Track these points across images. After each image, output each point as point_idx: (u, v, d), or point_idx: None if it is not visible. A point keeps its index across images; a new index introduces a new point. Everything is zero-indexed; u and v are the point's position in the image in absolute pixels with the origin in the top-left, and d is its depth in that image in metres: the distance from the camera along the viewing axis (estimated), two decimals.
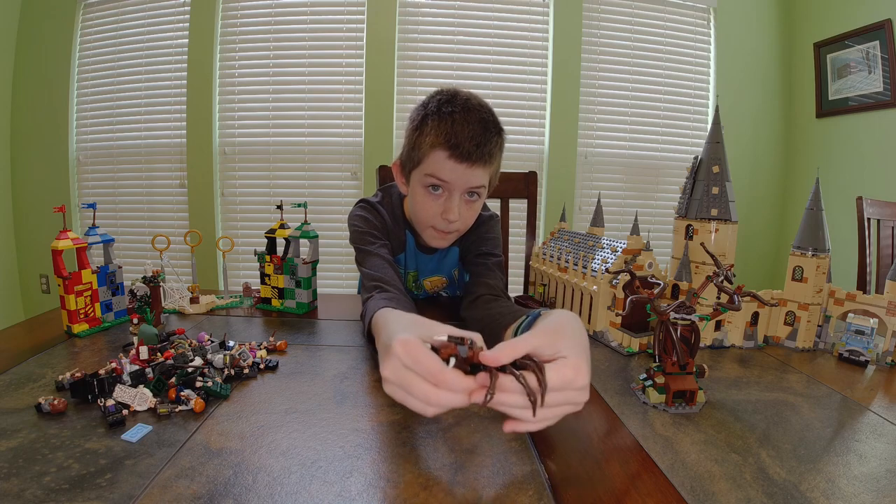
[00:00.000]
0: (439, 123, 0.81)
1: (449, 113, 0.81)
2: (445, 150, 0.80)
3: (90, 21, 2.62)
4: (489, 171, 0.86)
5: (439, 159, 0.82)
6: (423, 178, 0.85)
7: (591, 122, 2.66)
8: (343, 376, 0.68)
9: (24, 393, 0.59)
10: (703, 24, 2.70)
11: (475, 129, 0.80)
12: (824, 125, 2.59)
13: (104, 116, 2.64)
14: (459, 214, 0.86)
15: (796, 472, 0.48)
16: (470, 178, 0.83)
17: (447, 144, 0.80)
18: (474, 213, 0.91)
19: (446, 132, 0.80)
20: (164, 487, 0.42)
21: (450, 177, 0.83)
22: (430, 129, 0.82)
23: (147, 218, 2.69)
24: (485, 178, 0.86)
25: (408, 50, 2.55)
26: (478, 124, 0.81)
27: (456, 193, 0.84)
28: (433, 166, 0.83)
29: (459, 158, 0.80)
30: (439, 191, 0.85)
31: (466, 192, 0.86)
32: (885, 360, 0.78)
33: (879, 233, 1.56)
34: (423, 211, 0.88)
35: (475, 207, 0.90)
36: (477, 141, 0.80)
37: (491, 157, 0.83)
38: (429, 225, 0.89)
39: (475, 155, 0.80)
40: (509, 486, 0.44)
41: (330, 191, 2.61)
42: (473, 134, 0.80)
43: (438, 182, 0.84)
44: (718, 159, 0.86)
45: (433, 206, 0.86)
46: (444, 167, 0.82)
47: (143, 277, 0.87)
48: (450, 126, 0.80)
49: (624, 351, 0.81)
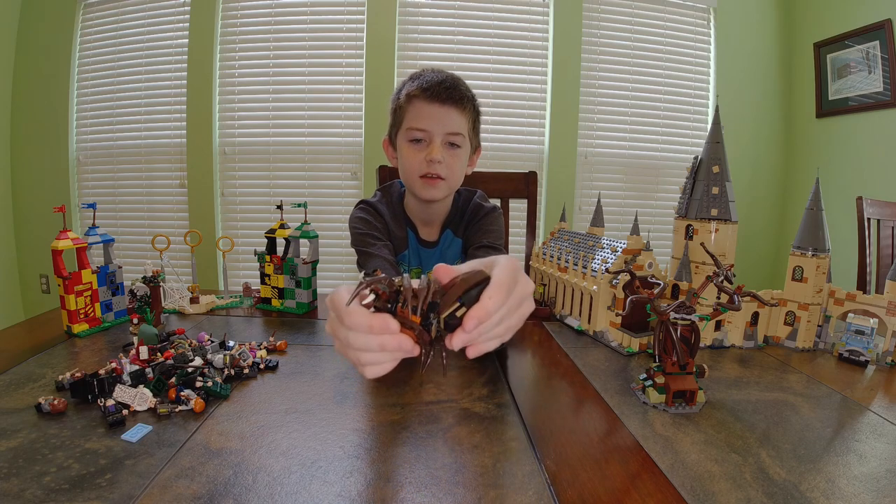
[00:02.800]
0: (413, 81, 0.93)
1: (420, 73, 0.94)
2: (419, 94, 0.90)
3: (90, 21, 2.62)
4: (464, 118, 0.93)
5: (415, 108, 0.91)
6: (405, 135, 0.93)
7: (591, 122, 2.65)
8: (343, 376, 0.68)
9: (24, 393, 0.59)
10: (703, 24, 2.70)
11: (445, 77, 0.92)
12: (824, 125, 2.59)
13: (104, 116, 2.64)
14: (442, 157, 0.91)
15: (796, 472, 0.48)
16: (445, 120, 0.91)
17: (420, 89, 0.90)
18: (459, 163, 0.96)
19: (419, 83, 0.91)
20: (164, 487, 0.42)
21: (427, 123, 0.90)
22: (406, 89, 0.93)
23: (147, 218, 2.68)
24: (461, 124, 0.92)
25: (408, 50, 2.54)
26: (447, 76, 0.93)
27: (437, 138, 0.91)
28: (412, 118, 0.91)
29: (432, 98, 0.90)
30: (421, 143, 0.92)
31: (446, 140, 0.92)
32: (885, 360, 0.78)
33: (879, 233, 1.56)
34: (408, 163, 0.93)
35: (458, 156, 0.95)
36: (446, 84, 0.91)
37: (462, 100, 0.92)
38: (417, 175, 0.93)
39: (445, 94, 0.90)
40: (509, 486, 0.44)
41: (330, 191, 2.61)
42: (443, 80, 0.91)
43: (419, 132, 0.91)
44: (718, 159, 0.86)
45: (417, 156, 0.92)
46: (420, 113, 0.91)
47: (143, 277, 0.87)
48: (422, 79, 0.92)
49: (624, 351, 0.81)
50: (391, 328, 0.37)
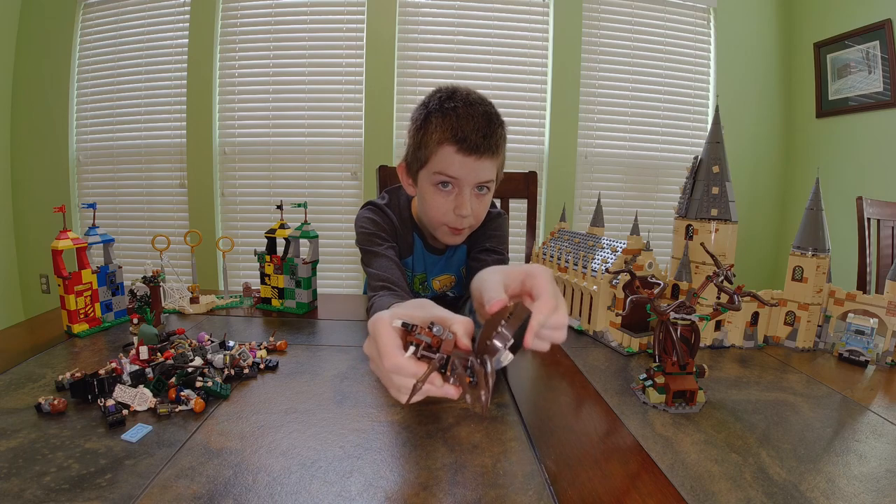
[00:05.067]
0: (443, 119, 0.81)
1: (452, 108, 0.81)
2: (452, 144, 0.81)
3: (90, 21, 2.62)
4: (496, 163, 0.87)
5: (447, 155, 0.82)
6: (431, 177, 0.85)
7: (591, 122, 2.66)
8: (343, 376, 0.68)
9: (24, 393, 0.59)
10: (703, 24, 2.70)
11: (480, 122, 0.81)
12: (824, 125, 2.59)
13: (104, 116, 2.64)
14: (472, 209, 0.86)
15: (796, 472, 0.48)
16: (479, 171, 0.84)
17: (454, 139, 0.80)
18: (485, 207, 0.91)
19: (451, 126, 0.80)
20: (164, 487, 0.42)
21: (459, 172, 0.83)
22: (435, 127, 0.82)
23: (147, 218, 2.69)
24: (492, 171, 0.86)
25: (408, 50, 2.54)
26: (481, 117, 0.81)
27: (466, 188, 0.85)
28: (441, 163, 0.83)
29: (467, 151, 0.80)
30: (449, 187, 0.85)
31: (476, 186, 0.86)
32: (885, 360, 0.78)
33: (879, 233, 1.56)
34: (434, 209, 0.88)
35: (485, 201, 0.90)
36: (483, 132, 0.80)
37: (497, 147, 0.84)
38: (441, 223, 0.89)
39: (482, 146, 0.81)
40: (509, 486, 0.44)
41: (330, 191, 2.61)
42: (478, 126, 0.80)
43: (448, 179, 0.84)
44: (718, 159, 0.86)
45: (444, 203, 0.86)
46: (452, 162, 0.82)
47: (143, 277, 0.87)
48: (454, 121, 0.80)
49: (624, 351, 0.81)
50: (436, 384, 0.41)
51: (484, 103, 0.84)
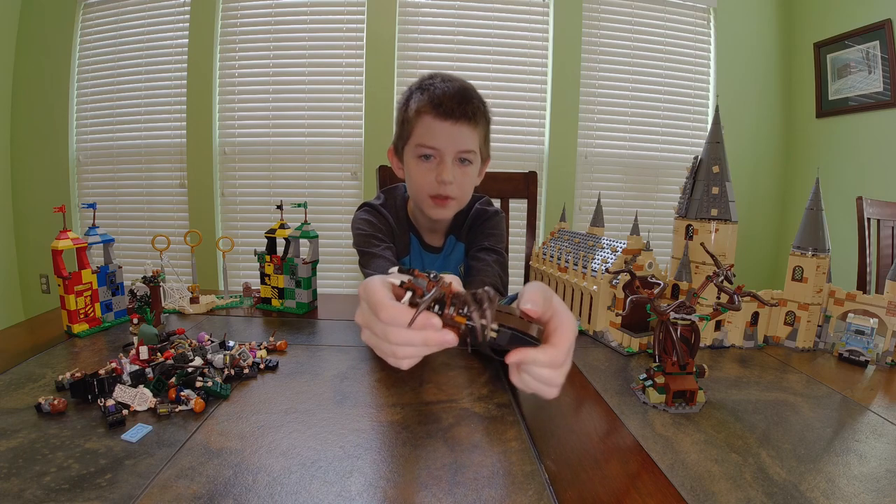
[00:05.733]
0: (422, 94, 0.87)
1: (430, 84, 0.88)
2: (430, 112, 0.85)
3: (90, 21, 2.62)
4: (476, 134, 0.89)
5: (426, 124, 0.86)
6: (414, 150, 0.89)
7: (591, 122, 2.65)
8: (343, 376, 0.68)
9: (24, 393, 0.59)
10: (703, 24, 2.70)
11: (456, 92, 0.86)
12: (824, 125, 2.59)
13: (104, 116, 2.64)
14: (453, 177, 0.88)
15: (796, 472, 0.48)
16: (457, 137, 0.86)
17: (430, 105, 0.85)
18: (470, 181, 0.93)
19: (430, 97, 0.86)
20: (164, 487, 0.42)
21: (438, 139, 0.86)
22: (415, 101, 0.88)
23: (147, 218, 2.68)
24: (472, 140, 0.89)
25: (408, 50, 2.54)
26: (458, 88, 0.87)
27: (447, 156, 0.87)
28: (422, 134, 0.87)
29: (444, 116, 0.85)
30: (431, 159, 0.88)
31: (457, 157, 0.88)
32: (885, 360, 0.78)
33: (879, 233, 1.56)
34: (418, 181, 0.90)
35: (469, 174, 0.92)
36: (458, 100, 0.85)
37: (474, 116, 0.87)
38: (426, 194, 0.91)
39: (458, 111, 0.85)
40: (509, 486, 0.44)
41: (330, 191, 2.61)
42: (454, 94, 0.85)
43: (429, 149, 0.87)
44: (718, 159, 0.86)
45: (427, 173, 0.89)
46: (430, 129, 0.86)
47: (143, 277, 0.87)
48: (432, 92, 0.86)
49: (624, 351, 0.81)
50: (435, 325, 0.38)
51: (462, 81, 0.89)
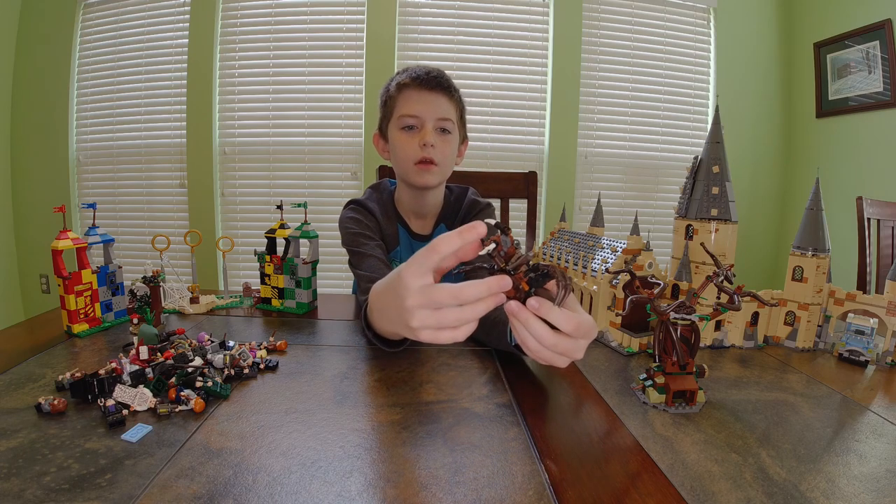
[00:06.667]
0: (401, 74, 0.99)
1: (406, 68, 1.00)
2: (410, 83, 0.96)
3: (90, 21, 2.62)
4: (452, 106, 0.98)
5: (406, 96, 0.96)
6: (398, 122, 0.97)
7: (591, 122, 2.66)
8: (343, 376, 0.68)
9: (24, 393, 0.59)
10: (703, 24, 2.70)
11: (431, 69, 0.98)
12: (824, 125, 2.59)
13: (104, 116, 2.64)
14: (435, 142, 0.95)
15: (796, 472, 0.48)
16: (435, 105, 0.95)
17: (410, 79, 0.96)
18: (451, 150, 1.00)
19: (408, 74, 0.97)
20: (164, 487, 0.42)
21: (418, 106, 0.95)
22: (395, 80, 0.99)
23: (147, 218, 2.69)
24: (450, 110, 0.97)
25: (408, 50, 2.54)
26: (433, 68, 0.99)
27: (428, 123, 0.95)
28: (403, 105, 0.96)
29: (422, 86, 0.95)
30: (414, 129, 0.96)
31: (438, 125, 0.96)
32: (885, 360, 0.78)
33: (879, 233, 1.56)
34: (402, 150, 0.96)
35: (450, 143, 0.98)
36: (434, 74, 0.97)
37: (449, 88, 0.98)
38: (411, 161, 0.96)
39: (435, 82, 0.96)
40: (509, 486, 0.44)
41: (330, 191, 2.61)
42: (430, 70, 0.97)
43: (411, 118, 0.95)
44: (718, 159, 0.86)
45: (411, 141, 0.96)
46: (410, 98, 0.95)
47: (143, 277, 0.87)
48: (410, 72, 0.97)
49: (624, 351, 0.81)
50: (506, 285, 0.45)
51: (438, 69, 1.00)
